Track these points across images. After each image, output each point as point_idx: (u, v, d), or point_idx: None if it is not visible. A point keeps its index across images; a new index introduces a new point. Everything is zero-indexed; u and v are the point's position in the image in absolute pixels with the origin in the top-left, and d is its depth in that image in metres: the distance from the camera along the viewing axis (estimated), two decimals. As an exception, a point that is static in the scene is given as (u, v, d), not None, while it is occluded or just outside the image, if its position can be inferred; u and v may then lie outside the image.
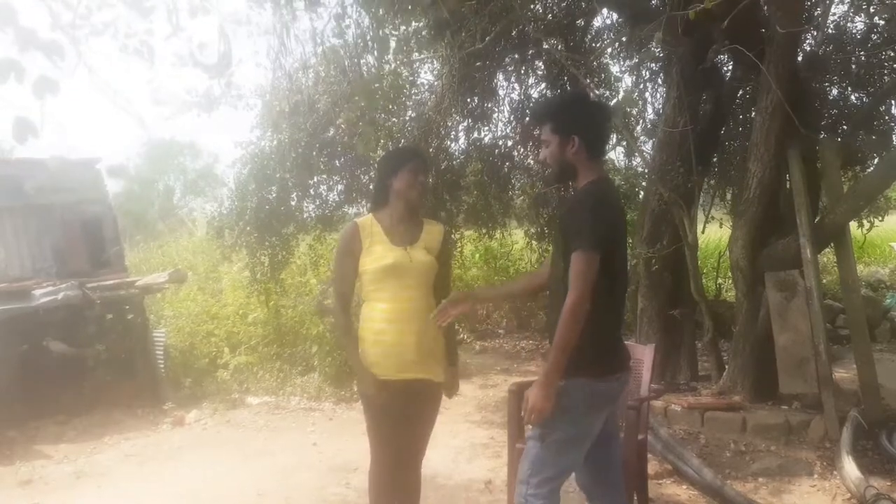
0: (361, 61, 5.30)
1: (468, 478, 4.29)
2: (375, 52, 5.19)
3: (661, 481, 4.15)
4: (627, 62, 7.53)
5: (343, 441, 5.14)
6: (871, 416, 4.59)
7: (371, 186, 3.14)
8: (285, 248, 6.95)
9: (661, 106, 6.98)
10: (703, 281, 6.42)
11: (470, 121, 7.32)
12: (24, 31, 2.19)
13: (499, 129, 7.62)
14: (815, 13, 6.28)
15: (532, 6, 6.41)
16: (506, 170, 7.74)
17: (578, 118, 2.44)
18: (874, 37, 6.34)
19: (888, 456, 4.26)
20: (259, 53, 18.38)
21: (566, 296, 2.25)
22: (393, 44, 5.61)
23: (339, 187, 7.41)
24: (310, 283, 8.21)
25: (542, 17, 6.77)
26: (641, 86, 7.46)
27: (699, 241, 5.83)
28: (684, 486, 4.09)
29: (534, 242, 8.53)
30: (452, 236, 7.68)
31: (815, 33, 6.29)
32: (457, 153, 7.57)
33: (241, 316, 7.69)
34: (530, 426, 2.43)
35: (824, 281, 7.22)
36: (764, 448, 4.62)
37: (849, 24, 6.58)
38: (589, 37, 7.43)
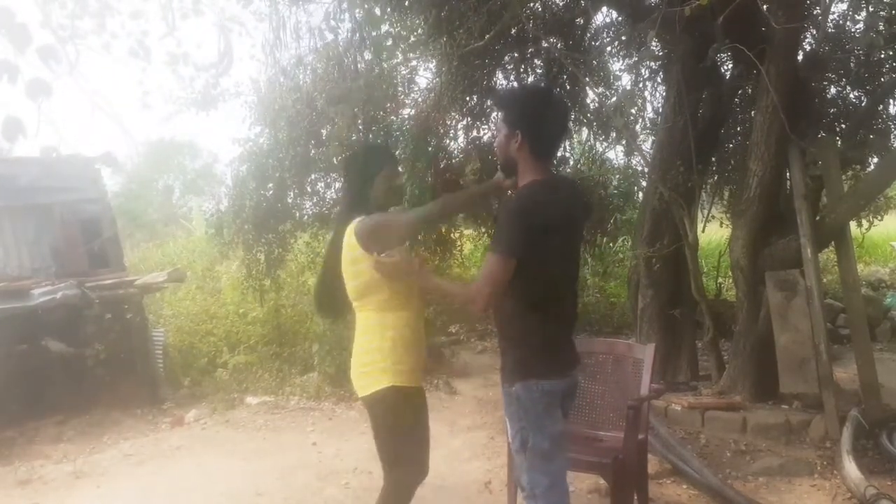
0: (358, 59, 5.28)
1: (467, 478, 4.27)
2: (371, 50, 5.16)
3: (661, 481, 4.14)
4: (627, 60, 7.52)
5: (342, 441, 5.13)
6: (871, 416, 4.58)
7: (349, 189, 2.81)
8: (282, 246, 6.94)
9: (660, 105, 6.97)
10: (704, 280, 6.40)
11: (469, 119, 7.31)
12: (20, 29, 2.15)
13: (498, 127, 7.60)
14: (815, 12, 6.26)
15: (531, 4, 6.39)
16: (505, 168, 7.71)
17: (527, 114, 2.35)
18: (873, 35, 6.31)
19: (888, 455, 4.25)
20: (255, 46, 18.35)
21: (506, 301, 2.31)
22: (388, 42, 5.58)
23: (337, 184, 7.40)
24: (309, 282, 8.19)
25: (541, 15, 6.75)
26: (641, 84, 7.45)
27: (699, 241, 5.81)
28: (684, 486, 4.08)
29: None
30: (452, 235, 7.67)
31: (815, 32, 6.27)
32: (456, 152, 7.57)
33: (240, 315, 7.67)
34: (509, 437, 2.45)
35: (825, 280, 7.20)
36: (764, 448, 4.60)
37: (848, 23, 6.57)
38: (588, 35, 7.42)
